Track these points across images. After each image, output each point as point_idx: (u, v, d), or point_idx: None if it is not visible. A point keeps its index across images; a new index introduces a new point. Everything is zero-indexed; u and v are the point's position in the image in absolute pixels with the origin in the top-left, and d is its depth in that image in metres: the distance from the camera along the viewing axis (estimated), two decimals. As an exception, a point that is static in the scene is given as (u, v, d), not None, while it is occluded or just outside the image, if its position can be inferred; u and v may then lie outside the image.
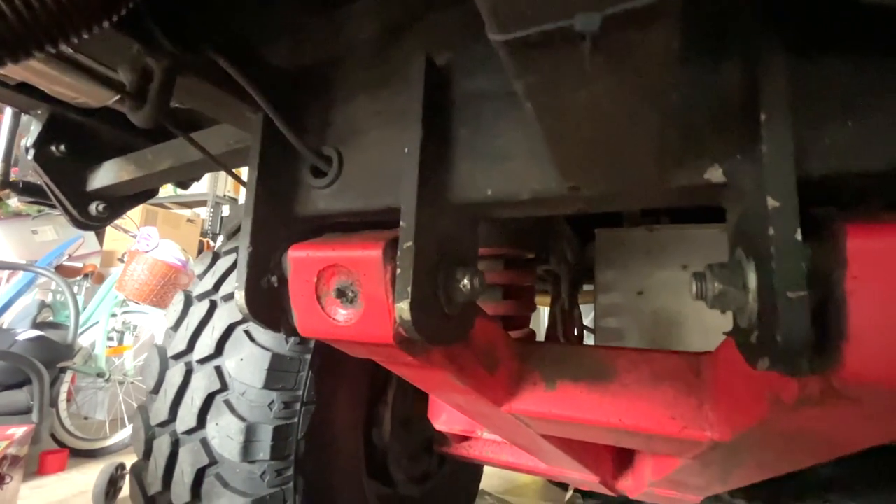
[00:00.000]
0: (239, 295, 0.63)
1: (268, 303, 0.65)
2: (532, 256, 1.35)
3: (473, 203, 0.56)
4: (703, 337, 1.30)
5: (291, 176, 0.68)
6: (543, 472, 1.30)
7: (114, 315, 3.58)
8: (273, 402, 1.02)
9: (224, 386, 1.05)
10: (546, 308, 1.86)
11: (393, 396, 1.37)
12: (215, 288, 1.18)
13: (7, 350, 2.68)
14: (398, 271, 0.51)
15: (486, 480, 2.39)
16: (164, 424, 1.10)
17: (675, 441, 0.71)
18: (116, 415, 3.59)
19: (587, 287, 1.81)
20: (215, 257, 1.25)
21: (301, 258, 0.62)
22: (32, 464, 2.95)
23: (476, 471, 2.08)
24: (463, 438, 1.41)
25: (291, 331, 0.66)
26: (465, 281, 0.56)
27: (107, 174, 1.08)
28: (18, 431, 2.04)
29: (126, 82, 0.57)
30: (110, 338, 3.66)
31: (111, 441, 3.45)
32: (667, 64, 0.29)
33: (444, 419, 1.28)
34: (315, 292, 0.61)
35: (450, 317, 0.58)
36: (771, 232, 0.38)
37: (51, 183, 1.06)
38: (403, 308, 0.50)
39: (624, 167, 0.44)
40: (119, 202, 1.15)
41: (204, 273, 1.23)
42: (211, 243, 5.31)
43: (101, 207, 1.11)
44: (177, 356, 1.14)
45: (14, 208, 4.02)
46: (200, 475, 1.03)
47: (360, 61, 0.68)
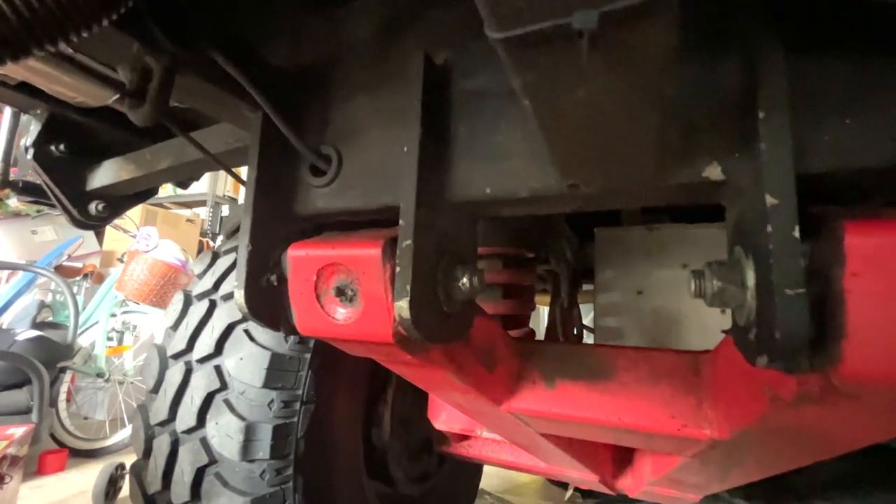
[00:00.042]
0: (238, 294, 0.63)
1: (267, 302, 0.65)
2: (531, 256, 1.35)
3: (472, 201, 0.57)
4: (703, 336, 1.30)
5: (291, 175, 0.68)
6: (543, 471, 1.30)
7: (113, 315, 3.58)
8: (273, 402, 1.02)
9: (224, 385, 1.05)
10: (546, 307, 1.86)
11: (393, 396, 1.37)
12: (215, 287, 1.18)
13: (7, 350, 2.68)
14: (397, 270, 0.51)
15: (486, 480, 2.39)
16: (164, 424, 1.10)
17: (675, 439, 0.71)
18: (116, 415, 3.59)
19: (587, 286, 1.81)
20: (215, 257, 1.25)
21: (300, 257, 0.62)
22: (32, 464, 2.95)
23: (476, 470, 2.09)
24: (462, 437, 1.41)
25: (291, 330, 0.66)
26: (465, 279, 0.56)
27: (106, 174, 1.08)
28: (18, 431, 2.04)
29: (125, 81, 0.57)
30: (110, 338, 3.66)
31: (111, 441, 3.45)
32: (664, 61, 0.29)
33: (444, 418, 1.28)
34: (314, 291, 0.61)
35: (449, 315, 0.58)
36: (769, 229, 0.38)
37: (50, 182, 1.06)
38: (403, 306, 0.50)
39: (623, 165, 0.44)
40: (118, 202, 1.15)
41: (203, 272, 1.23)
42: (210, 243, 5.31)
43: (101, 207, 1.11)
44: (176, 355, 1.14)
45: (13, 208, 4.02)
46: (200, 474, 1.03)
47: (359, 60, 0.68)
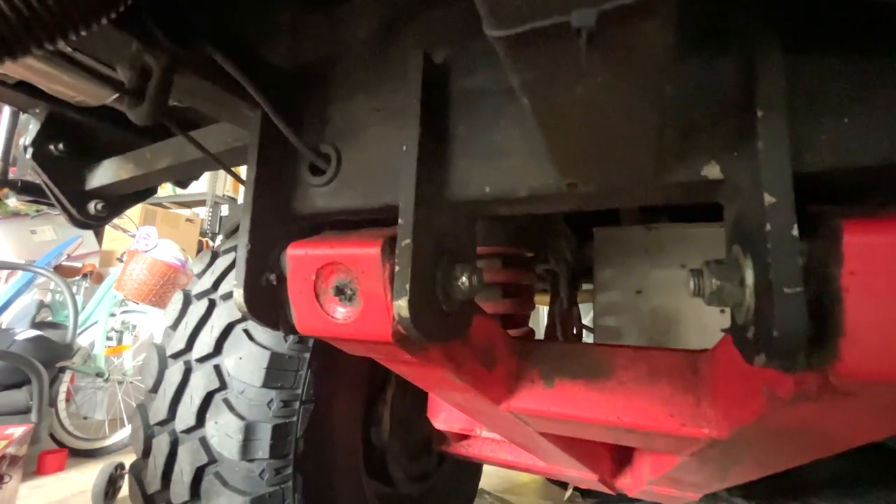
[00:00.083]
0: (238, 293, 0.63)
1: (266, 301, 0.65)
2: (531, 255, 1.35)
3: (471, 200, 0.57)
4: (702, 336, 1.31)
5: (290, 174, 0.68)
6: (542, 471, 1.30)
7: (113, 315, 3.58)
8: (272, 401, 1.02)
9: (223, 384, 1.05)
10: (545, 307, 1.86)
11: (392, 395, 1.37)
12: (214, 287, 1.18)
13: (6, 350, 2.68)
14: (396, 269, 0.51)
15: (486, 479, 2.39)
16: (164, 423, 1.10)
17: (673, 438, 0.71)
18: (115, 414, 3.59)
19: (586, 286, 1.82)
20: (214, 256, 1.25)
21: (300, 256, 0.62)
22: (31, 463, 2.95)
23: (475, 469, 2.09)
24: (462, 437, 1.41)
25: (290, 329, 0.66)
26: (464, 278, 0.56)
27: (105, 173, 1.08)
28: (17, 431, 2.04)
29: (125, 80, 0.57)
30: (109, 337, 3.66)
31: (110, 441, 3.45)
32: (663, 60, 0.29)
33: (443, 418, 1.28)
34: (314, 290, 0.61)
35: (448, 314, 0.58)
36: (767, 228, 0.38)
37: (49, 182, 1.06)
38: (402, 305, 0.50)
39: (621, 164, 0.44)
40: (118, 201, 1.15)
41: (203, 272, 1.23)
42: (210, 243, 5.31)
43: (100, 206, 1.11)
44: (176, 355, 1.14)
45: (13, 208, 4.01)
46: (199, 474, 1.03)
47: (359, 59, 0.68)
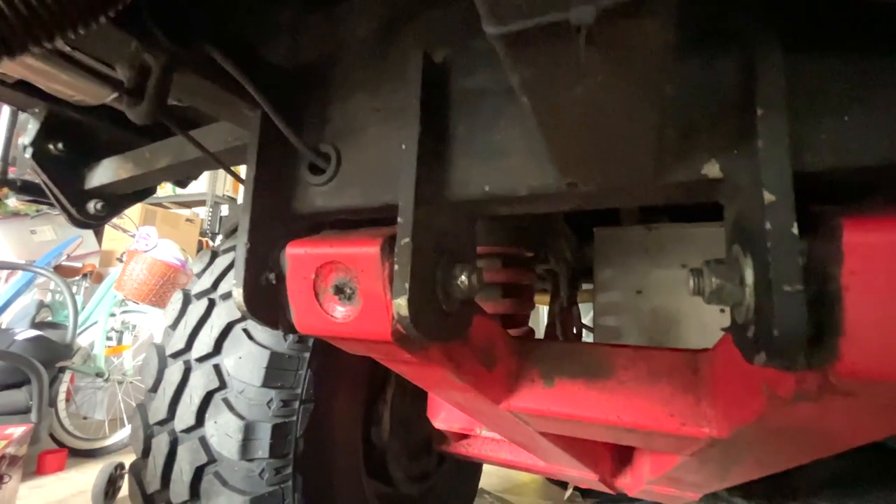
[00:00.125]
0: (237, 292, 0.62)
1: (266, 300, 0.65)
2: (531, 255, 1.35)
3: (471, 200, 0.56)
4: (702, 335, 1.31)
5: (289, 173, 0.68)
6: (542, 471, 1.30)
7: (113, 315, 3.58)
8: (272, 401, 1.02)
9: (223, 384, 1.05)
10: (545, 307, 1.86)
11: (392, 395, 1.37)
12: (214, 286, 1.18)
13: (6, 350, 2.68)
14: (396, 268, 0.51)
15: (486, 479, 2.39)
16: (163, 423, 1.10)
17: (673, 438, 0.71)
18: (115, 414, 3.59)
19: (586, 286, 1.82)
20: (213, 256, 1.25)
21: (299, 255, 0.62)
22: (31, 463, 2.95)
23: (475, 469, 2.09)
24: (462, 437, 1.41)
25: (289, 328, 0.66)
26: (463, 277, 0.56)
27: (105, 172, 1.08)
28: (17, 431, 2.04)
29: (124, 79, 0.57)
30: (109, 337, 3.66)
31: (110, 441, 3.45)
32: (662, 58, 0.29)
33: (443, 417, 1.28)
34: (313, 289, 0.61)
35: (448, 313, 0.58)
36: (767, 226, 0.38)
37: (49, 181, 1.06)
38: (401, 304, 0.50)
39: (621, 163, 0.44)
40: (117, 200, 1.15)
41: (202, 271, 1.23)
42: (210, 243, 5.31)
43: (100, 206, 1.11)
44: (175, 354, 1.14)
45: (13, 208, 4.02)
46: (199, 473, 1.03)
47: (358, 59, 0.68)
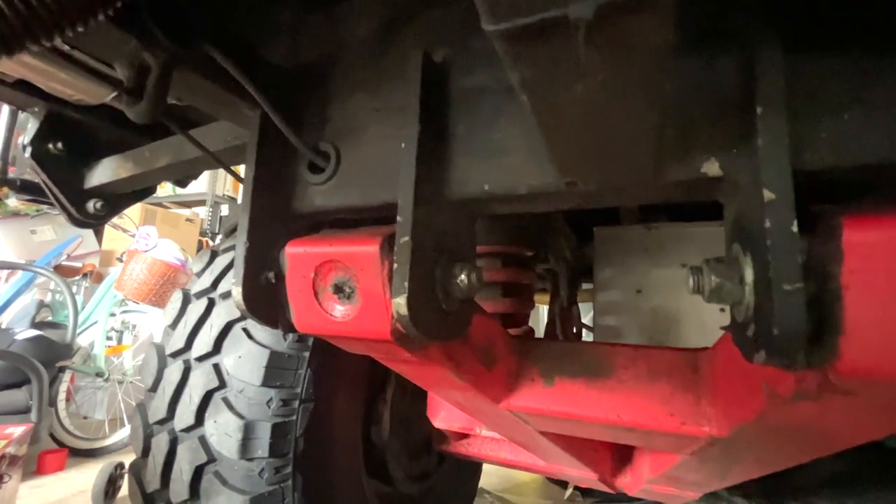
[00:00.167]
0: (236, 291, 0.62)
1: (265, 299, 0.65)
2: (531, 254, 1.35)
3: (470, 198, 0.56)
4: (702, 335, 1.31)
5: (289, 172, 0.68)
6: (542, 470, 1.30)
7: (113, 314, 3.58)
8: (271, 400, 1.02)
9: (222, 383, 1.05)
10: (545, 306, 1.86)
11: (392, 394, 1.37)
12: (213, 286, 1.17)
13: (6, 349, 2.68)
14: (395, 266, 0.51)
15: (486, 479, 2.39)
16: (163, 422, 1.10)
17: (673, 437, 0.71)
18: (115, 414, 3.59)
19: (586, 285, 1.82)
20: (213, 255, 1.25)
21: (298, 254, 0.62)
22: (31, 463, 2.95)
23: (475, 469, 2.09)
24: (462, 436, 1.41)
25: (289, 327, 0.66)
26: (463, 276, 0.56)
27: (104, 172, 1.08)
28: (17, 431, 2.04)
29: (123, 78, 0.57)
30: (109, 337, 3.66)
31: (110, 440, 3.45)
32: (661, 55, 0.29)
33: (443, 417, 1.28)
34: (312, 288, 0.61)
35: (447, 312, 0.58)
36: (767, 225, 0.38)
37: (48, 181, 1.06)
38: (400, 303, 0.50)
39: (620, 162, 0.44)
40: (117, 200, 1.14)
41: (202, 271, 1.23)
42: (210, 243, 5.31)
43: (99, 205, 1.10)
44: (175, 354, 1.14)
45: (13, 208, 4.02)
46: (199, 473, 1.03)
47: (358, 58, 0.68)
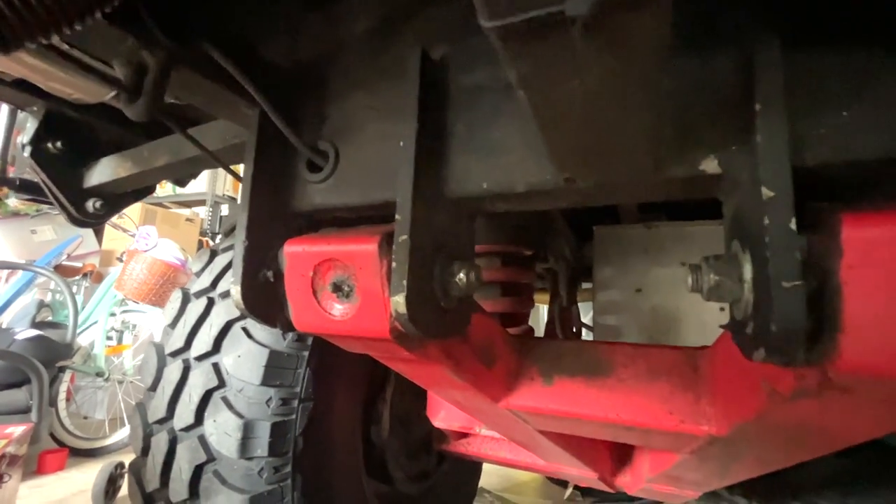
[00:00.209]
0: (235, 290, 0.62)
1: (264, 298, 0.64)
2: (530, 254, 1.35)
3: (469, 196, 0.56)
4: (702, 334, 1.30)
5: (287, 171, 0.68)
6: (542, 469, 1.30)
7: (113, 314, 3.58)
8: (271, 399, 1.02)
9: (222, 383, 1.05)
10: (545, 306, 1.86)
11: (391, 394, 1.37)
12: (213, 285, 1.17)
13: (6, 349, 2.68)
14: (394, 265, 0.51)
15: (486, 478, 2.39)
16: (162, 422, 1.10)
17: (673, 435, 0.71)
18: (116, 414, 3.59)
19: (586, 285, 1.82)
20: (213, 255, 1.25)
21: (297, 252, 0.62)
22: (32, 463, 2.95)
23: (475, 468, 2.08)
24: (461, 435, 1.41)
25: (287, 326, 0.66)
26: (462, 275, 0.56)
27: (104, 171, 1.08)
28: (17, 430, 2.04)
29: (121, 76, 0.57)
30: (109, 337, 3.66)
31: (110, 440, 3.45)
32: (658, 51, 0.28)
33: (443, 416, 1.28)
34: (311, 287, 0.61)
35: (446, 311, 0.58)
36: (766, 222, 0.38)
37: (48, 180, 1.06)
38: (399, 301, 0.50)
39: (619, 158, 0.44)
40: (116, 199, 1.15)
41: (201, 270, 1.23)
42: (210, 242, 5.31)
43: (98, 204, 1.10)
44: (174, 353, 1.14)
45: (13, 208, 4.02)
46: (198, 472, 1.02)
47: (357, 56, 0.68)
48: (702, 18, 0.46)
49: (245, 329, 1.07)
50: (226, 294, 1.14)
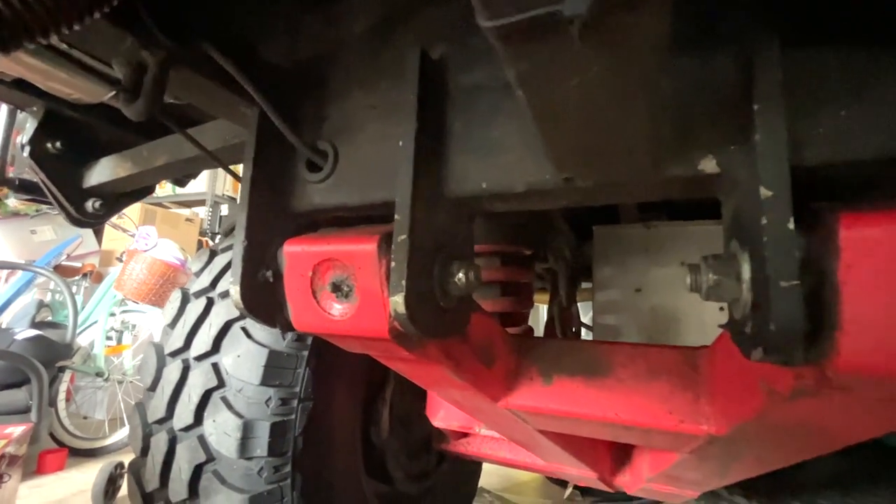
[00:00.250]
0: (234, 290, 0.62)
1: (263, 297, 0.64)
2: (530, 253, 1.35)
3: (468, 196, 0.56)
4: (701, 334, 1.30)
5: (287, 171, 0.68)
6: (542, 469, 1.30)
7: (112, 314, 3.58)
8: (270, 399, 1.02)
9: (221, 382, 1.05)
10: (545, 305, 1.86)
11: (391, 394, 1.37)
12: (212, 285, 1.18)
13: (6, 349, 2.68)
14: (393, 265, 0.51)
15: (485, 478, 2.39)
16: (162, 421, 1.10)
17: (672, 435, 0.71)
18: (115, 414, 3.59)
19: (585, 284, 1.82)
20: (212, 255, 1.25)
21: (296, 252, 0.62)
22: (31, 463, 2.95)
23: (475, 468, 2.08)
24: (461, 435, 1.41)
25: (287, 326, 0.66)
26: (461, 274, 0.56)
27: (103, 171, 1.08)
28: (17, 430, 2.04)
29: (120, 76, 0.57)
30: (109, 337, 3.66)
31: (110, 440, 3.45)
32: (657, 50, 0.29)
33: (442, 416, 1.28)
34: (310, 286, 0.61)
35: (445, 310, 0.58)
36: (764, 221, 0.38)
37: (47, 180, 1.06)
38: (398, 301, 0.50)
39: (617, 158, 0.44)
40: (115, 199, 1.15)
41: (201, 270, 1.23)
42: (210, 242, 5.31)
43: (98, 204, 1.10)
44: (174, 353, 1.14)
45: (13, 208, 4.02)
46: (198, 472, 1.03)
47: (356, 56, 0.68)
48: (701, 18, 0.46)
49: (244, 329, 1.07)
50: (225, 294, 1.14)
